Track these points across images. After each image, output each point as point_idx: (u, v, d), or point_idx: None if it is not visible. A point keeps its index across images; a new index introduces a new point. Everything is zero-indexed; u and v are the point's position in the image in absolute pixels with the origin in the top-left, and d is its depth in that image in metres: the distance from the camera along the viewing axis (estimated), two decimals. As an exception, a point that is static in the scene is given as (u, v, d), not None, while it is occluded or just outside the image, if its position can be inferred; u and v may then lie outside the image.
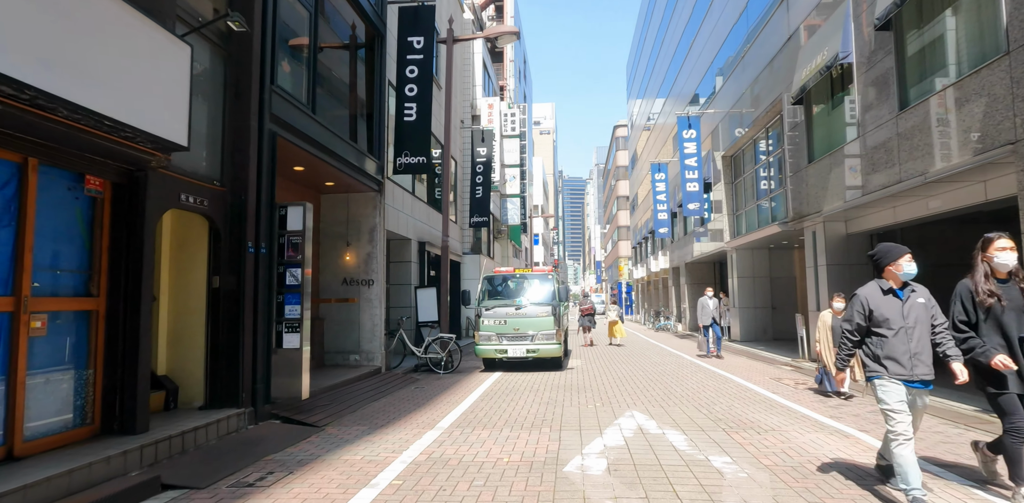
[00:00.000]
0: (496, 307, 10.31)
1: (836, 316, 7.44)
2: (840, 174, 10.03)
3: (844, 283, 11.18)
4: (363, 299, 9.69)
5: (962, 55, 7.18)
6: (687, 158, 18.28)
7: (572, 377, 9.53)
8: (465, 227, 19.46)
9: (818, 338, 7.64)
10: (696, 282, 23.62)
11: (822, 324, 7.57)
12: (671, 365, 11.29)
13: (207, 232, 5.64)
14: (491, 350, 10.19)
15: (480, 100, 20.45)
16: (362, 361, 9.60)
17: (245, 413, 5.56)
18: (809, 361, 11.43)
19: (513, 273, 10.93)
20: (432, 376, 9.99)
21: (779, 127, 14.09)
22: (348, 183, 9.24)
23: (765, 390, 8.03)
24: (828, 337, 7.44)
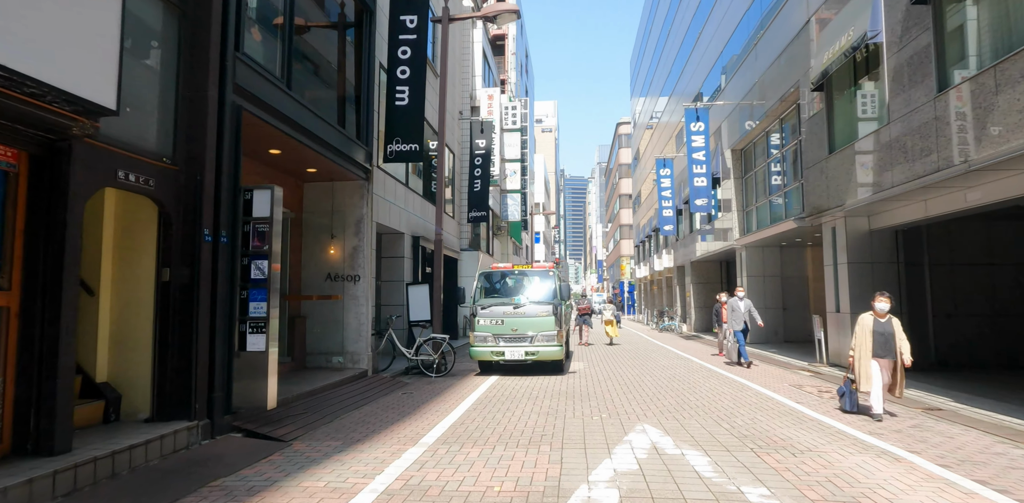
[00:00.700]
0: (493, 306, 9.56)
1: (880, 319, 6.29)
2: (866, 164, 9.26)
3: (866, 283, 10.43)
4: (348, 296, 8.94)
5: (1018, 27, 6.41)
6: (695, 152, 17.52)
7: (574, 382, 8.79)
8: (463, 222, 18.70)
9: (853, 345, 6.39)
10: (702, 281, 22.86)
11: (861, 329, 6.34)
12: (680, 369, 10.54)
13: (157, 218, 4.89)
14: (487, 352, 9.44)
15: (479, 91, 19.71)
16: (346, 363, 8.86)
17: (198, 426, 4.82)
18: (827, 366, 10.68)
19: (512, 269, 10.18)
20: (423, 380, 9.24)
21: (794, 118, 13.32)
22: (332, 170, 8.49)
23: (788, 399, 7.28)
24: (867, 345, 6.22)
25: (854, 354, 6.35)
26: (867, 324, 6.36)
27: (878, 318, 6.35)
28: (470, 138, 18.08)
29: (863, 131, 9.55)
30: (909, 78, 8.04)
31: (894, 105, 8.39)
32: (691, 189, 17.53)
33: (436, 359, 9.57)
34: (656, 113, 33.15)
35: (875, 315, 6.40)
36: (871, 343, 6.19)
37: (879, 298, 6.43)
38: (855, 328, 6.50)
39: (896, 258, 10.58)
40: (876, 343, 6.17)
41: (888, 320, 6.30)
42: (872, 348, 6.17)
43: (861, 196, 9.41)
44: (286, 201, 8.64)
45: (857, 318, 6.56)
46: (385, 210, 11.14)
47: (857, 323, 6.50)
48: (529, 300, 9.66)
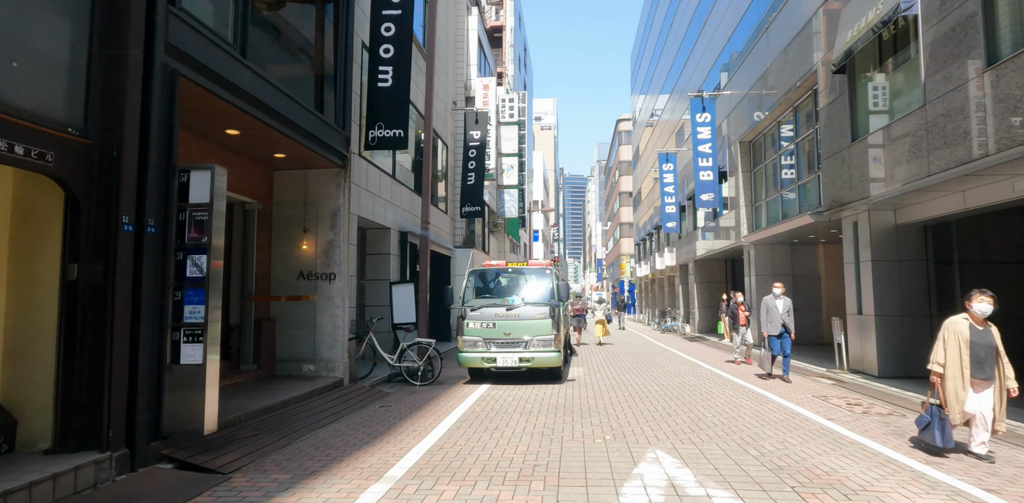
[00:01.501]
0: (484, 307, 8.67)
1: (978, 327, 4.75)
2: (896, 151, 8.38)
3: (892, 282, 9.56)
4: (322, 297, 8.05)
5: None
6: (700, 144, 16.62)
7: (573, 392, 7.90)
8: (456, 218, 17.80)
9: (940, 360, 4.79)
10: (706, 280, 21.99)
11: (954, 337, 4.77)
12: (689, 376, 9.65)
13: (62, 203, 3.99)
14: (477, 358, 8.55)
15: (475, 80, 18.81)
16: (319, 371, 7.96)
17: (112, 458, 3.93)
18: (847, 372, 9.81)
19: (505, 267, 9.28)
20: (406, 389, 8.35)
21: (810, 105, 12.44)
22: (304, 156, 7.60)
23: (816, 414, 6.40)
24: (964, 359, 4.67)
25: (942, 371, 4.76)
26: (962, 332, 4.74)
27: (975, 325, 4.76)
28: (464, 130, 17.19)
29: (893, 115, 8.66)
30: (949, 54, 7.15)
31: (931, 84, 7.50)
32: (696, 183, 16.64)
33: (421, 366, 8.69)
34: (657, 111, 32.31)
35: (971, 320, 4.79)
36: (967, 358, 4.66)
37: (979, 297, 4.78)
38: (941, 335, 4.89)
39: (925, 255, 9.70)
40: (974, 359, 4.65)
41: (987, 328, 4.77)
42: (970, 363, 4.65)
43: (890, 187, 8.52)
44: (253, 190, 7.75)
45: (943, 323, 4.97)
46: (368, 203, 10.24)
47: (945, 328, 4.88)
48: (524, 301, 8.77)
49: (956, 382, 4.69)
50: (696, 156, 16.64)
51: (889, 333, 9.47)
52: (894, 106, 8.83)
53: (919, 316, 9.50)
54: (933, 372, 4.80)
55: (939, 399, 4.79)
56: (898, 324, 9.48)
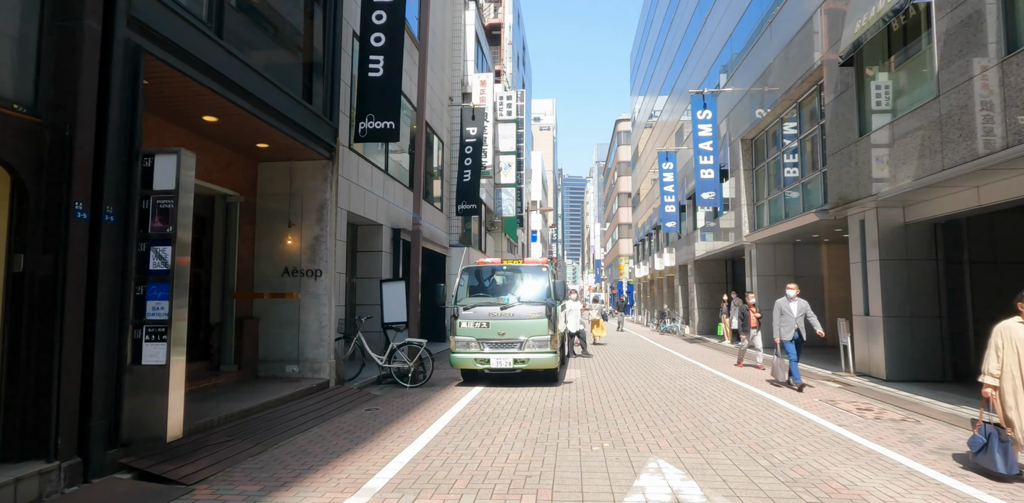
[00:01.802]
0: (477, 306, 8.32)
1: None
2: (907, 146, 8.05)
3: (901, 283, 9.23)
4: (307, 294, 7.69)
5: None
6: (701, 142, 16.30)
7: (570, 396, 7.55)
8: (452, 215, 17.45)
9: (995, 371, 4.15)
10: (706, 281, 21.67)
11: (1010, 343, 4.13)
12: (691, 379, 9.31)
13: (8, 187, 3.64)
14: (469, 359, 8.20)
15: (471, 76, 18.47)
16: (304, 373, 7.60)
17: (61, 468, 3.57)
18: (854, 375, 9.48)
19: (500, 265, 8.93)
20: (395, 391, 7.99)
21: (814, 101, 12.12)
22: (290, 147, 7.24)
23: (826, 420, 6.06)
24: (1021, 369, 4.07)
25: (997, 384, 4.13)
26: (1018, 338, 4.11)
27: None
28: (460, 126, 16.84)
29: (904, 107, 8.33)
30: (967, 41, 6.83)
31: (946, 75, 7.17)
32: (697, 181, 16.31)
33: (411, 367, 8.33)
34: (656, 112, 32.06)
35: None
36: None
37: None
38: (993, 342, 4.27)
39: (935, 255, 9.37)
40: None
41: None
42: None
43: (901, 182, 8.19)
44: (235, 182, 7.39)
45: (995, 328, 4.37)
46: (359, 198, 9.89)
47: (997, 334, 4.27)
48: (519, 300, 8.42)
49: (1018, 396, 4.02)
50: (697, 154, 16.32)
51: (897, 335, 9.13)
52: (904, 99, 8.50)
53: (929, 318, 9.17)
54: (986, 384, 4.16)
55: (997, 416, 4.16)
56: (907, 326, 9.15)
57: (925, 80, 7.91)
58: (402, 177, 13.04)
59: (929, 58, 7.73)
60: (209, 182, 6.84)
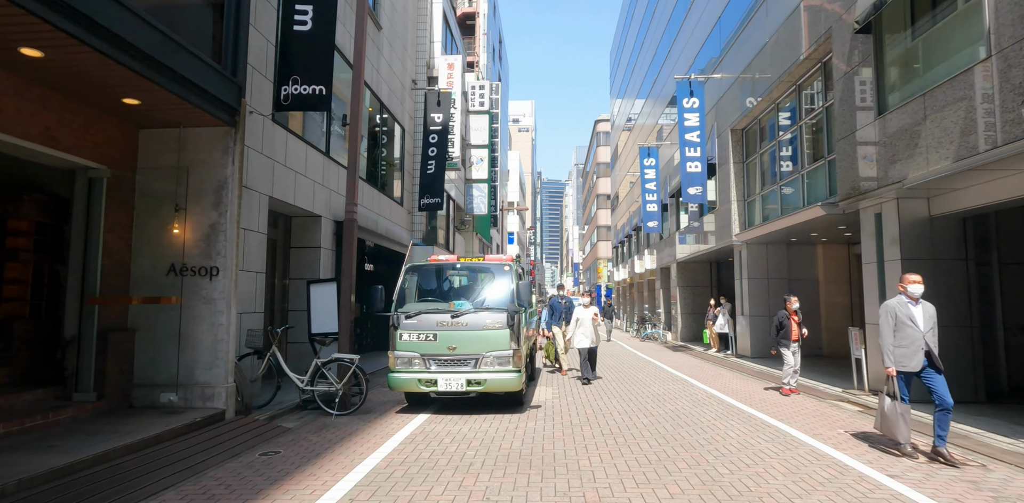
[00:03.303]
0: (423, 313, 6.68)
1: None
2: (945, 121, 6.68)
3: (926, 286, 7.89)
4: (199, 299, 5.97)
5: None
6: (688, 132, 14.93)
7: (537, 428, 5.96)
8: (415, 210, 15.79)
9: None
10: (690, 284, 20.35)
11: None
12: (682, 400, 7.80)
13: None
14: (411, 381, 6.55)
15: (438, 59, 16.85)
16: (193, 401, 5.87)
17: None
18: (868, 393, 8.08)
19: (453, 262, 7.30)
20: (316, 422, 6.30)
21: (817, 82, 10.81)
22: (170, 106, 5.54)
23: (869, 466, 4.57)
24: None
25: None
26: None
27: None
28: (425, 112, 15.20)
29: (940, 76, 6.97)
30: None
31: (1002, 28, 5.81)
32: (683, 175, 14.93)
33: (341, 390, 6.65)
34: (634, 115, 30.94)
35: None
36: None
37: None
38: None
39: (964, 254, 8.05)
40: None
41: None
42: None
43: (935, 166, 6.81)
44: (99, 151, 5.64)
45: None
46: (286, 181, 8.19)
47: None
48: (475, 305, 6.81)
49: None
50: (683, 145, 14.93)
51: (923, 347, 7.76)
52: (940, 68, 7.15)
53: (959, 328, 7.83)
54: None
55: None
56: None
57: (970, 40, 6.55)
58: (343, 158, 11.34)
59: (974, 13, 6.38)
60: (52, 148, 5.10)
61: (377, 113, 13.20)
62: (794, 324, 8.44)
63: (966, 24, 6.66)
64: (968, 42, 6.58)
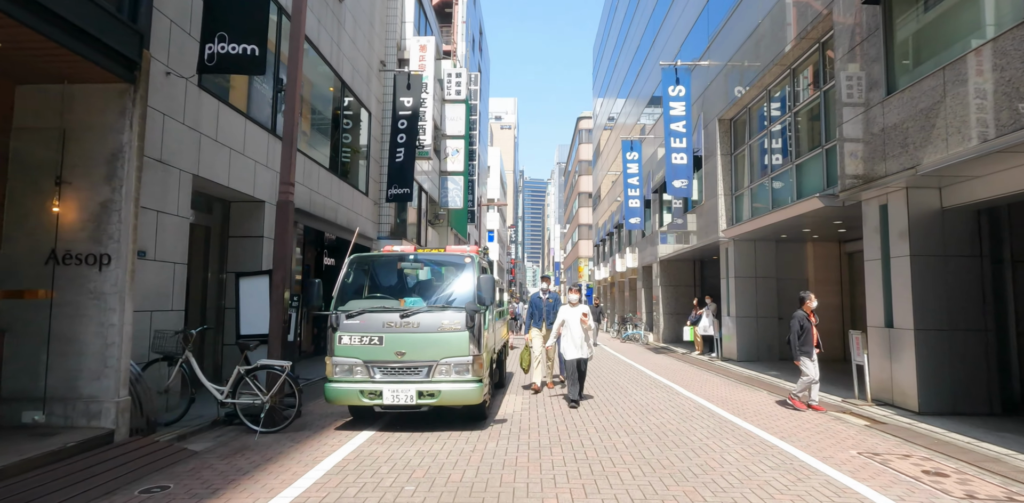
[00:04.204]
0: (368, 312, 5.65)
1: None
2: (969, 98, 5.87)
3: (937, 285, 7.09)
4: (86, 293, 4.86)
5: None
6: (673, 122, 14.07)
7: (499, 450, 4.99)
8: (381, 201, 14.70)
9: None
10: (673, 283, 19.57)
11: None
12: (668, 412, 6.89)
13: None
14: (352, 393, 5.52)
15: (410, 40, 15.77)
16: (75, 419, 4.76)
17: None
18: (871, 404, 7.28)
19: (406, 254, 6.27)
20: (235, 443, 5.24)
21: (814, 64, 10.02)
22: (40, 50, 4.43)
23: (894, 500, 3.70)
24: None
25: None
26: None
27: None
28: (394, 96, 14.11)
29: (964, 47, 6.15)
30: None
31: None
32: (668, 168, 14.08)
33: (269, 402, 5.59)
34: (615, 113, 30.22)
35: None
36: None
37: None
38: None
39: (979, 250, 7.28)
40: None
41: None
42: None
43: (957, 148, 6.00)
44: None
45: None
46: (218, 159, 7.08)
47: None
48: (430, 303, 5.80)
49: None
50: (668, 136, 14.08)
51: (933, 353, 6.99)
52: (960, 36, 6.34)
53: (972, 331, 7.06)
54: None
55: None
56: (946, 341, 7.01)
57: (1002, 3, 5.74)
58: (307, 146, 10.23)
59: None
60: None
61: (339, 93, 12.10)
62: (813, 329, 7.42)
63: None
64: (1002, 4, 5.76)
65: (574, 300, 7.48)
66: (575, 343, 7.29)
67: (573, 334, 7.32)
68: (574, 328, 7.30)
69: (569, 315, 7.38)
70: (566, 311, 7.45)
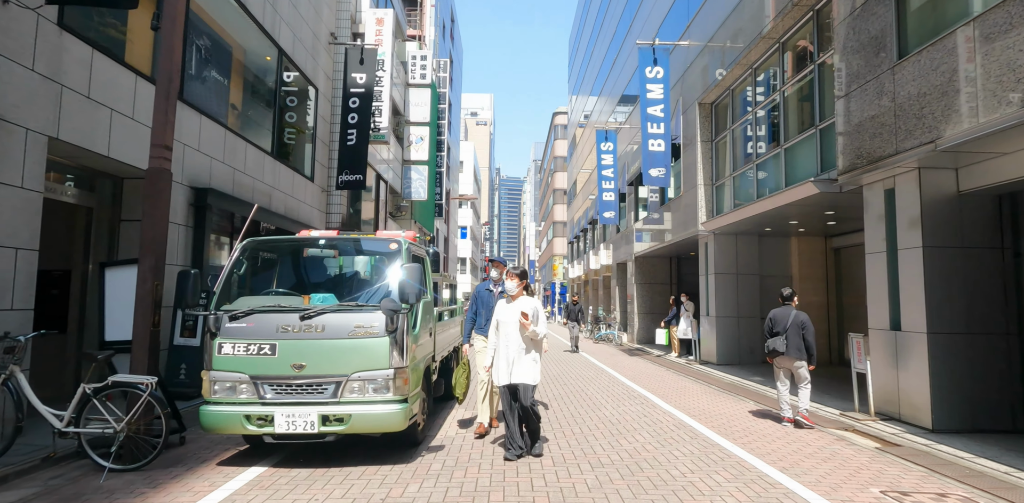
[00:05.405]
0: (256, 312, 4.35)
1: None
2: (1003, 53, 4.84)
3: (954, 280, 6.08)
4: None
5: None
6: (651, 105, 13.02)
7: (420, 497, 3.76)
8: (331, 189, 13.29)
9: None
10: (648, 281, 18.58)
11: None
12: (644, 432, 5.73)
13: None
14: (234, 418, 4.21)
15: (365, 12, 14.38)
16: None
17: None
18: (874, 418, 6.25)
19: (314, 238, 4.96)
20: (71, 488, 3.90)
21: (807, 36, 9.01)
22: None
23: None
24: None
25: None
26: None
27: None
28: (344, 71, 12.72)
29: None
30: None
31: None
32: (644, 156, 13.01)
33: (124, 431, 4.25)
34: (589, 110, 29.18)
35: None
36: None
37: None
38: None
39: (999, 240, 6.31)
40: None
41: None
42: None
43: (991, 115, 4.96)
44: None
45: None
46: (92, 121, 5.66)
47: None
48: (343, 301, 4.52)
49: None
50: (644, 121, 13.01)
51: (948, 360, 5.99)
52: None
53: (992, 335, 6.08)
54: None
55: None
56: (964, 346, 6.02)
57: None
58: (219, 112, 8.82)
59: None
60: None
61: (277, 64, 10.67)
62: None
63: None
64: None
65: (512, 290, 4.77)
66: (507, 358, 4.63)
67: (509, 344, 4.64)
68: (511, 335, 4.65)
69: (505, 314, 4.73)
70: (502, 309, 4.81)
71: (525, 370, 4.62)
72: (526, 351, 4.68)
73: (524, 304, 4.70)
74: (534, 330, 4.62)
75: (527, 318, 4.58)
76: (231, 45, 9.17)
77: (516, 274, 4.78)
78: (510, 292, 4.79)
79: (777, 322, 6.22)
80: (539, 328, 4.67)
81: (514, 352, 4.65)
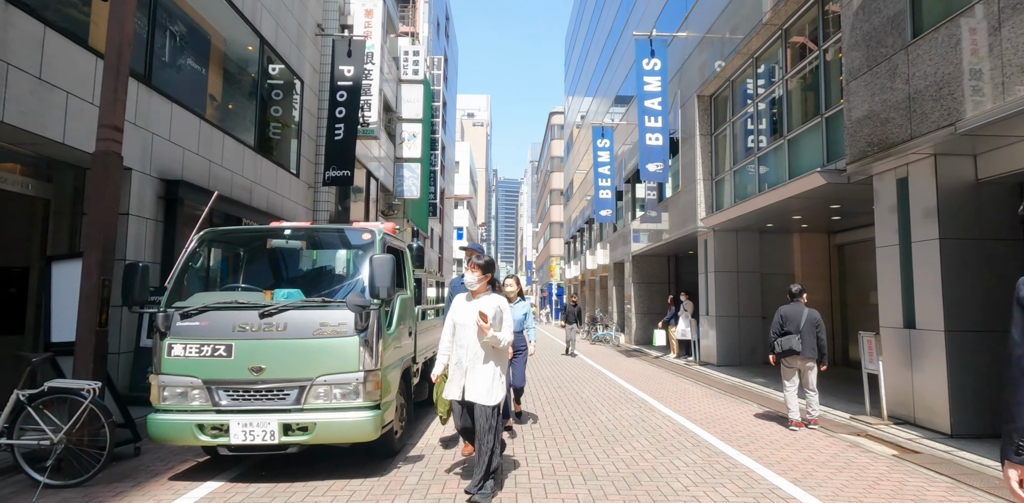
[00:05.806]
0: (210, 309, 3.91)
1: None
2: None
3: (973, 275, 5.68)
4: None
5: None
6: (648, 98, 12.61)
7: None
8: (318, 185, 12.86)
9: None
10: (645, 281, 18.18)
11: None
12: (643, 439, 5.31)
13: None
14: (185, 427, 3.78)
15: (354, 3, 13.97)
16: None
17: None
18: (887, 422, 5.84)
19: (281, 228, 4.53)
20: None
21: (811, 20, 8.62)
22: None
23: None
24: None
25: None
26: None
27: None
28: (332, 63, 12.30)
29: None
30: None
31: None
32: (641, 150, 12.60)
33: (63, 442, 3.81)
34: (584, 110, 28.81)
35: None
36: None
37: None
38: None
39: (1021, 233, 5.90)
40: None
41: None
42: None
43: (1017, 94, 4.56)
44: None
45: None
46: (42, 104, 5.22)
47: None
48: (309, 296, 4.09)
49: None
50: (642, 114, 12.60)
51: (969, 361, 5.58)
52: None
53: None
54: None
55: None
56: (983, 345, 5.61)
57: None
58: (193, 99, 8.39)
59: None
60: None
61: (259, 54, 10.24)
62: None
63: None
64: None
65: (473, 285, 3.80)
66: (461, 367, 3.69)
67: (466, 349, 3.69)
68: (468, 339, 3.70)
69: (463, 313, 3.77)
70: (459, 307, 3.83)
71: (480, 385, 3.59)
72: (483, 360, 3.64)
73: (485, 303, 3.72)
74: (494, 335, 3.58)
75: (486, 321, 3.55)
76: (208, 32, 8.74)
77: (479, 265, 3.76)
78: (470, 287, 3.79)
79: (789, 320, 5.81)
80: (501, 334, 3.64)
81: (468, 361, 3.65)
